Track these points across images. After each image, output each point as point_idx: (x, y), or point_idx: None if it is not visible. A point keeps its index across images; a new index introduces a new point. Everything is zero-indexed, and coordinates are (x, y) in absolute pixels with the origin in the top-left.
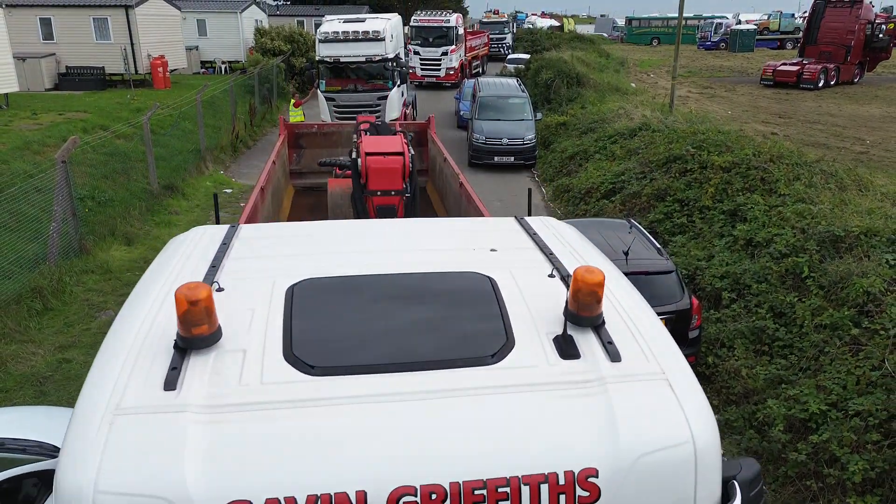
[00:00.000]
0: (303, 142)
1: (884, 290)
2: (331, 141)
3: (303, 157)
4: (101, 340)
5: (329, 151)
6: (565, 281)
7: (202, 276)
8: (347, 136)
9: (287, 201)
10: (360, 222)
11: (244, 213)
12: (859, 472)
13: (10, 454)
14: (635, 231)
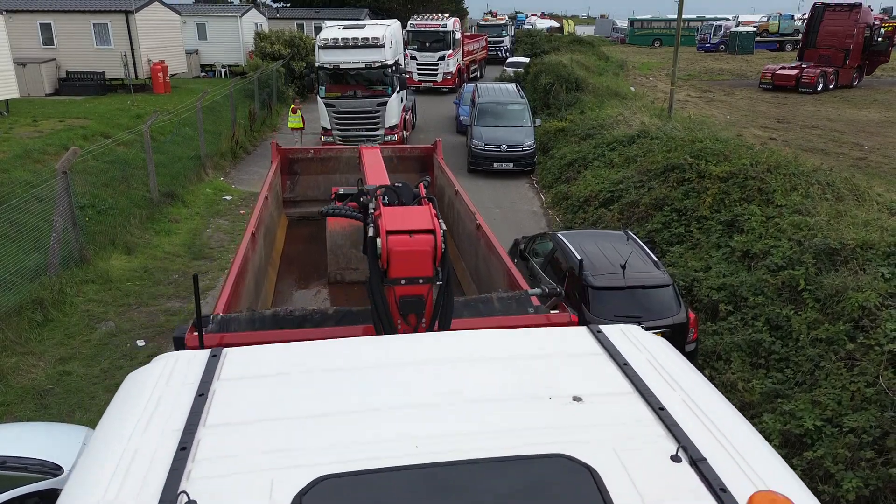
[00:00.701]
0: (297, 168)
1: (879, 304)
2: (328, 167)
3: (297, 185)
4: (101, 352)
5: (326, 179)
6: (697, 468)
7: (160, 488)
8: (347, 161)
9: (281, 234)
10: (383, 343)
11: (227, 283)
12: (853, 490)
13: (11, 472)
14: (632, 243)
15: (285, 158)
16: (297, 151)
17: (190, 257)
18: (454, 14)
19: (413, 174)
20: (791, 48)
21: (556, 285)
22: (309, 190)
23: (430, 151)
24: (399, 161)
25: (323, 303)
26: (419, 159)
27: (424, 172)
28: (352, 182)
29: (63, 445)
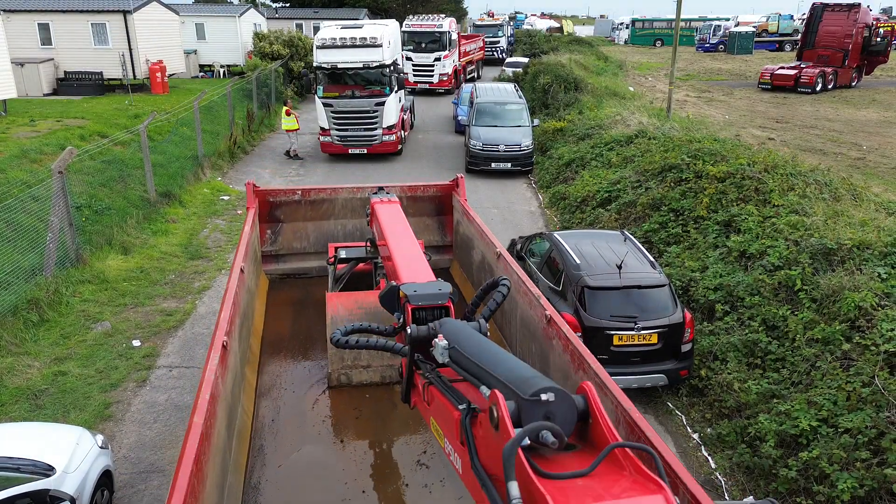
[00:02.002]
0: (280, 213)
1: (875, 304)
2: (320, 212)
3: (281, 234)
4: (97, 352)
5: (317, 227)
6: None
7: None
8: (344, 205)
9: (260, 304)
10: None
11: (183, 461)
12: (848, 491)
13: (3, 473)
14: (629, 243)
15: (265, 202)
16: (280, 193)
17: (187, 257)
18: (453, 14)
19: (428, 219)
20: (790, 48)
21: None
22: (295, 241)
23: (450, 190)
24: (410, 203)
25: (323, 421)
26: (435, 200)
27: (441, 216)
28: (352, 232)
29: (56, 446)
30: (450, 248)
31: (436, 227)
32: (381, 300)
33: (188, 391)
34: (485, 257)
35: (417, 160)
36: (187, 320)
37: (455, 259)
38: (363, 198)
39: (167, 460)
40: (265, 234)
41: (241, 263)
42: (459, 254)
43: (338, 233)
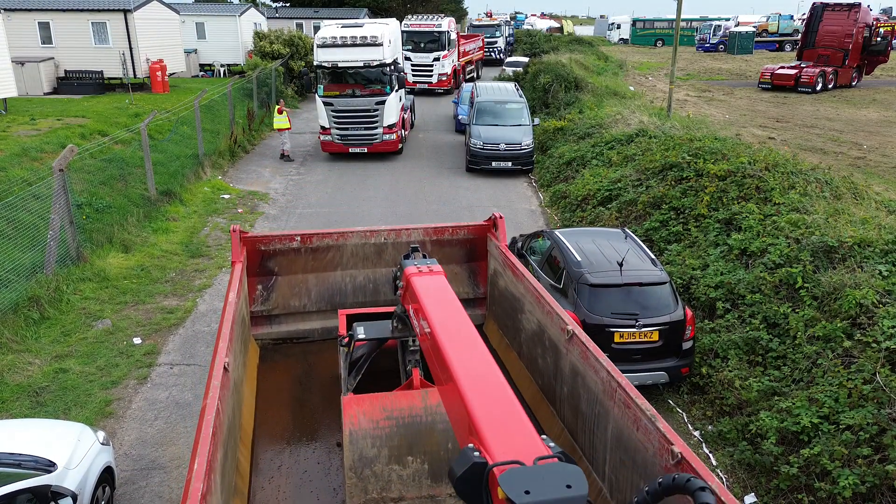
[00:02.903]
0: (274, 264)
1: (876, 301)
2: (324, 262)
3: (275, 290)
4: (97, 350)
5: (320, 280)
6: None
7: None
8: (354, 252)
9: (250, 383)
10: None
11: None
12: (850, 487)
13: (4, 469)
14: (630, 241)
15: (254, 252)
16: (274, 240)
17: (187, 255)
18: (453, 14)
19: (456, 266)
20: (790, 48)
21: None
22: (293, 297)
23: (484, 232)
24: (434, 247)
25: None
26: (465, 244)
27: (473, 262)
28: (363, 284)
29: (57, 442)
30: (482, 301)
31: (465, 275)
32: (456, 483)
33: (189, 388)
34: (543, 329)
35: (418, 159)
36: (188, 318)
37: (491, 317)
38: (378, 243)
39: (168, 457)
40: (255, 290)
41: (224, 358)
42: (497, 312)
43: (346, 287)
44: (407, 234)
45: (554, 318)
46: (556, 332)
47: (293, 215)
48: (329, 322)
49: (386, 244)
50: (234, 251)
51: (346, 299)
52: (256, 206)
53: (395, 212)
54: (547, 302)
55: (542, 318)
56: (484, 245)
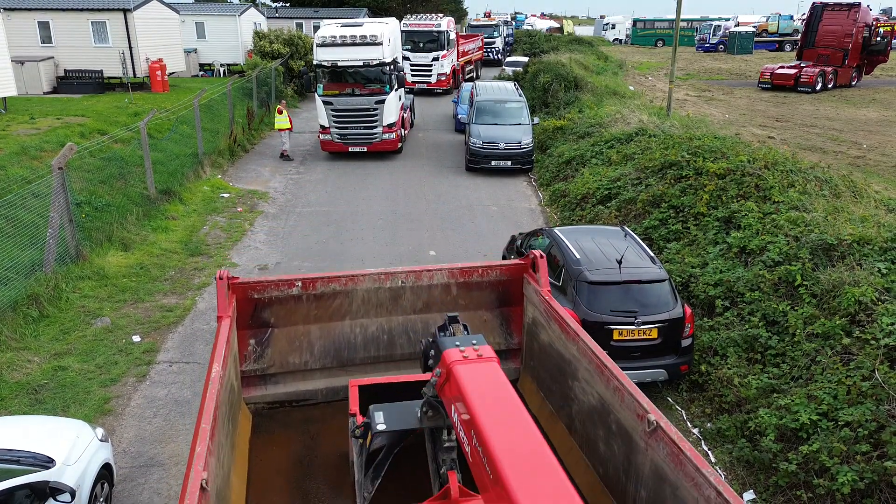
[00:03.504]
0: (270, 315)
1: (875, 299)
2: (329, 311)
3: (271, 345)
4: (96, 348)
5: (325, 330)
6: None
7: None
8: (365, 298)
9: (241, 459)
10: None
11: None
12: (848, 484)
13: (3, 465)
14: (629, 239)
15: (246, 301)
16: (269, 286)
17: (187, 254)
18: (453, 14)
19: (485, 312)
20: (790, 48)
21: None
22: (293, 353)
23: (519, 272)
24: (461, 291)
25: None
26: (497, 286)
27: (505, 307)
28: (376, 336)
29: (56, 439)
30: (516, 352)
31: (496, 322)
32: None
33: (188, 386)
34: (608, 409)
35: (417, 158)
36: (187, 316)
37: (527, 373)
38: (394, 287)
39: (167, 454)
40: (246, 345)
41: (201, 473)
42: (537, 369)
43: (355, 339)
44: (429, 275)
45: (625, 399)
46: (629, 417)
47: (293, 214)
48: (335, 381)
49: (403, 288)
50: (221, 303)
51: (355, 354)
52: (256, 205)
53: (394, 210)
54: (615, 376)
55: (608, 395)
56: (519, 287)
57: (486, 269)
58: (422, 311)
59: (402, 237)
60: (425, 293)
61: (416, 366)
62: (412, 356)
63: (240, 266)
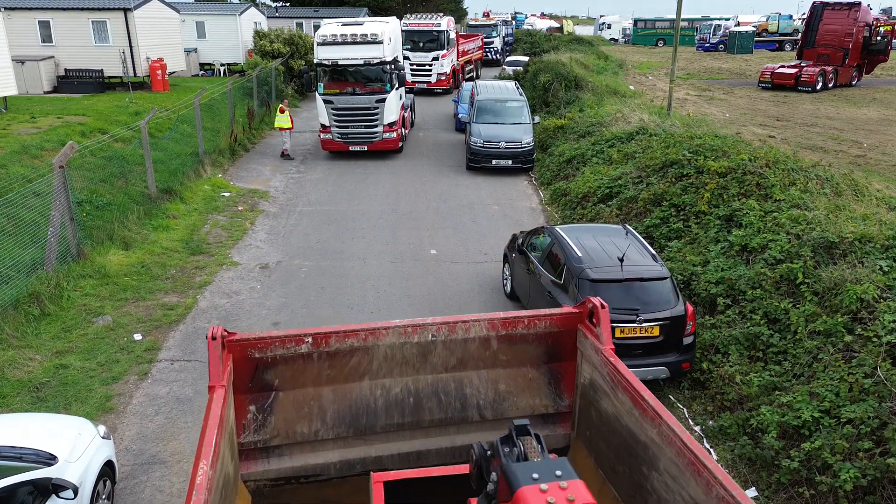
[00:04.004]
0: (274, 376)
1: (877, 296)
2: (345, 370)
3: (274, 412)
4: (98, 346)
5: (340, 393)
6: None
7: None
8: (389, 355)
9: None
10: None
11: None
12: (850, 481)
13: (6, 462)
14: (630, 237)
15: (245, 360)
16: (273, 343)
17: (188, 253)
18: (453, 14)
19: (531, 369)
20: (790, 48)
21: None
22: (300, 421)
23: (572, 323)
24: (502, 345)
25: None
26: (545, 339)
27: (555, 363)
28: (400, 399)
29: (58, 436)
30: (566, 416)
31: (543, 381)
32: None
33: (189, 384)
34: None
35: (418, 158)
36: (188, 314)
37: (582, 445)
38: (423, 342)
39: (169, 452)
40: (245, 413)
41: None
42: (595, 441)
43: (376, 403)
44: (464, 327)
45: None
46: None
47: (293, 213)
48: (351, 453)
49: (434, 342)
50: (213, 369)
51: (375, 421)
52: (257, 204)
53: (395, 209)
54: (719, 481)
55: (704, 499)
56: (571, 340)
57: (533, 319)
58: (455, 369)
59: (402, 236)
60: (460, 348)
61: (447, 433)
62: (443, 422)
63: (241, 265)
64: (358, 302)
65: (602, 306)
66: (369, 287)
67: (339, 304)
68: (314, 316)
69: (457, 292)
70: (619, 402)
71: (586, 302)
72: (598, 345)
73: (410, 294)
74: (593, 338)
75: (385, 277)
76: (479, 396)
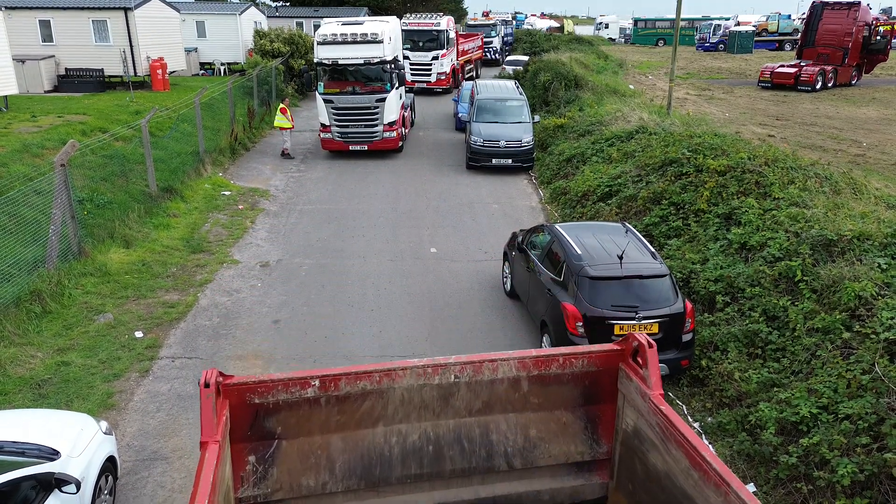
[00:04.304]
0: (275, 423)
1: (875, 294)
2: (356, 417)
3: (276, 463)
4: (99, 343)
5: (350, 441)
6: None
7: None
8: (406, 398)
9: None
10: None
11: None
12: (848, 476)
13: (8, 457)
14: (630, 235)
15: (243, 406)
16: (276, 387)
17: (188, 251)
18: (453, 14)
19: (564, 412)
20: (790, 48)
21: None
22: (306, 473)
23: (613, 361)
24: (533, 385)
25: None
26: (581, 380)
27: (591, 406)
28: (418, 447)
29: (60, 431)
30: (604, 464)
31: (579, 425)
32: None
33: (191, 381)
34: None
35: (418, 157)
36: (189, 312)
37: (622, 496)
38: (444, 383)
39: (170, 448)
40: (244, 464)
41: None
42: (638, 495)
43: (391, 451)
44: (491, 367)
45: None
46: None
47: (294, 211)
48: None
49: (458, 384)
50: (206, 422)
51: (390, 471)
52: (257, 203)
53: (395, 208)
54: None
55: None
56: (611, 380)
57: (569, 357)
58: (480, 413)
59: (403, 234)
60: (486, 390)
61: (470, 484)
62: (466, 472)
63: (241, 263)
64: (358, 300)
65: (649, 345)
66: (369, 285)
67: (340, 301)
68: (315, 314)
69: (457, 290)
70: (671, 458)
71: (629, 338)
72: (644, 389)
73: (411, 292)
74: (639, 380)
75: (385, 275)
76: (506, 443)
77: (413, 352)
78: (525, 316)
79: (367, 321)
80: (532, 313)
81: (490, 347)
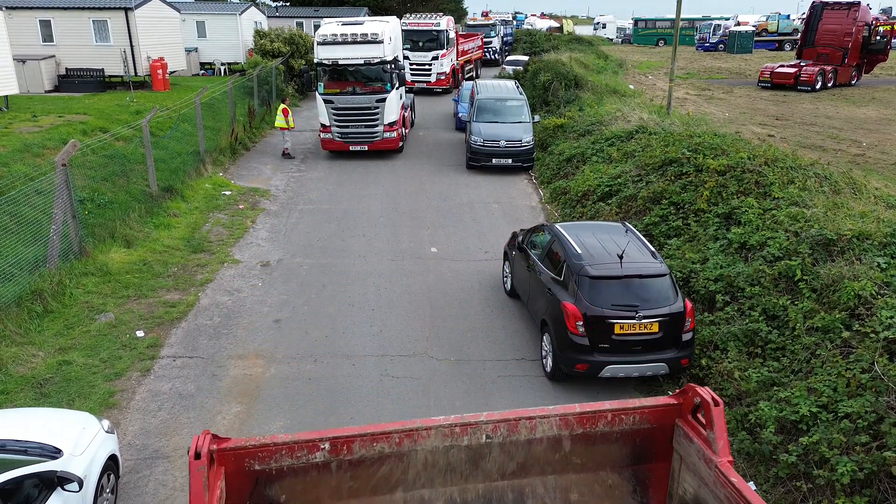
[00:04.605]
0: (279, 491)
1: (875, 293)
2: (372, 483)
3: None
4: (100, 342)
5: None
6: None
7: None
8: (430, 461)
9: None
10: None
11: None
12: (847, 474)
13: (10, 455)
14: (630, 234)
15: (241, 473)
16: (278, 451)
17: (189, 250)
18: (453, 14)
19: (609, 473)
20: (790, 48)
21: None
22: None
23: (668, 417)
24: (578, 444)
25: None
26: (631, 437)
27: (641, 465)
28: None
29: (62, 430)
30: None
31: (627, 487)
32: None
33: (192, 380)
34: None
35: (418, 157)
36: (190, 311)
37: None
38: (474, 444)
39: (171, 447)
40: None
41: None
42: None
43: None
44: (528, 426)
45: None
46: None
47: (294, 211)
48: None
49: (490, 444)
50: (195, 498)
51: None
52: (258, 203)
53: (395, 208)
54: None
55: None
56: (665, 437)
57: (619, 413)
58: (514, 476)
59: (403, 234)
60: (522, 450)
61: None
62: None
63: (242, 262)
64: (359, 299)
65: (715, 402)
66: (370, 284)
67: (341, 301)
68: (315, 313)
69: (457, 290)
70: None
71: (689, 391)
72: (710, 455)
73: (411, 291)
74: (701, 442)
75: (386, 275)
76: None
77: (413, 351)
78: (525, 315)
79: (367, 320)
80: (532, 313)
81: (490, 347)
